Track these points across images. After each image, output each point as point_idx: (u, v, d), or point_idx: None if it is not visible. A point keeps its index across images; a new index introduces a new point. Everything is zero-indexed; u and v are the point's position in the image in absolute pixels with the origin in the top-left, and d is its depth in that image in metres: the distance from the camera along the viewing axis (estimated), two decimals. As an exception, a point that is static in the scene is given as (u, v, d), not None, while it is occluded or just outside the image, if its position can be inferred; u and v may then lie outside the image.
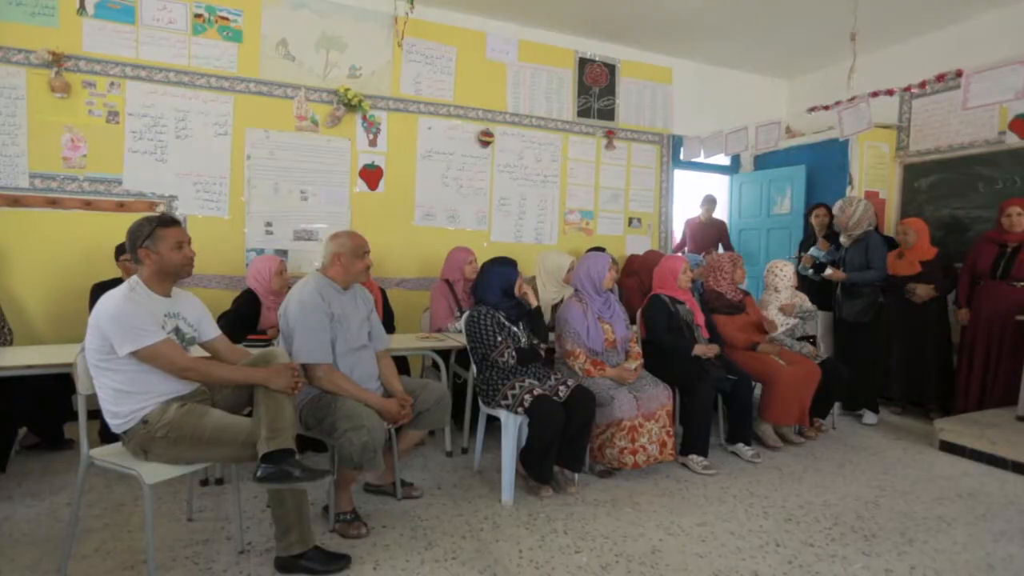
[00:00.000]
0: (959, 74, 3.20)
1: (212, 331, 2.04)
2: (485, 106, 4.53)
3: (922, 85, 3.50)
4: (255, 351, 2.03)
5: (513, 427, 2.50)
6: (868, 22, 4.14)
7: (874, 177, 4.72)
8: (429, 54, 4.34)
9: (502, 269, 2.68)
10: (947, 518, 2.42)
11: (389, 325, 3.41)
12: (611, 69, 4.97)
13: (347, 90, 3.99)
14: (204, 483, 2.56)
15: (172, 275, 1.90)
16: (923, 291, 3.63)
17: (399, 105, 4.26)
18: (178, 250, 1.87)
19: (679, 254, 4.95)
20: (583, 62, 4.86)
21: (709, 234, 5.14)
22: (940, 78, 3.37)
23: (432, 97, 4.36)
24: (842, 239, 3.81)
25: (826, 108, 3.98)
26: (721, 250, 5.05)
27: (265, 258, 3.19)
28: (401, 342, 2.94)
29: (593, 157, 4.93)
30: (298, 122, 3.98)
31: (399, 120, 4.26)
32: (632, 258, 4.52)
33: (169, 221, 1.90)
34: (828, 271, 3.82)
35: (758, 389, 3.25)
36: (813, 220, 4.45)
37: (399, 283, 4.25)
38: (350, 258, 2.25)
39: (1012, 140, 4.06)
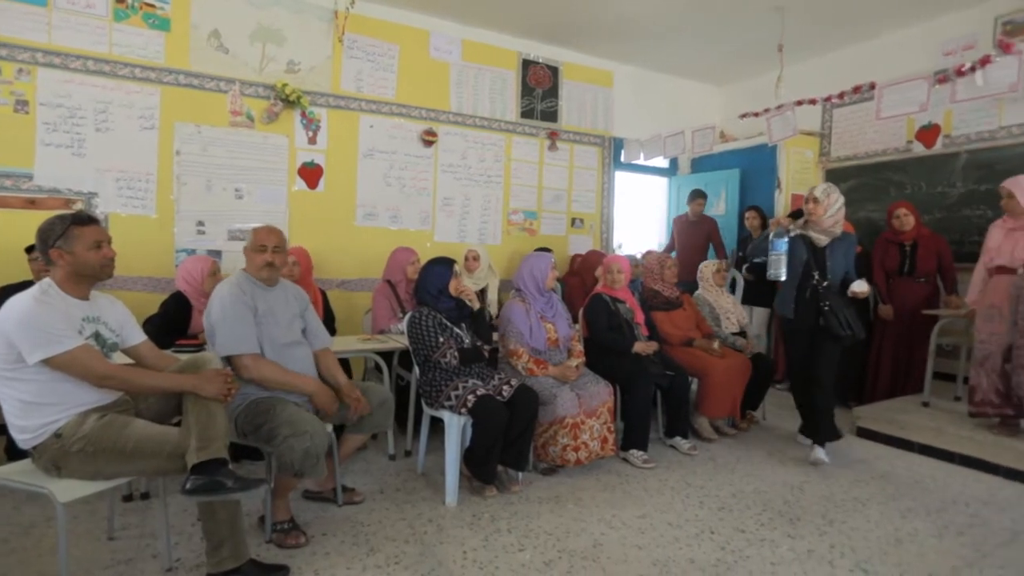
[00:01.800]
0: (872, 86, 3.44)
1: (136, 336, 1.94)
2: (428, 105, 4.49)
3: (841, 96, 3.73)
4: (185, 357, 1.94)
5: (456, 428, 2.49)
6: (793, 35, 4.39)
7: (800, 181, 5.00)
8: (371, 51, 4.27)
9: (437, 268, 2.67)
10: (862, 499, 2.60)
11: (330, 327, 3.33)
12: (554, 71, 5.04)
13: (285, 85, 3.86)
14: (128, 499, 2.42)
15: (90, 277, 1.79)
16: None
17: (340, 102, 4.16)
18: (96, 250, 1.76)
19: (631, 253, 4.99)
20: (527, 63, 4.91)
21: (697, 233, 5.00)
22: (856, 89, 3.61)
23: (374, 95, 4.29)
24: (815, 235, 2.96)
25: (756, 115, 4.18)
26: (712, 250, 4.97)
27: (197, 259, 3.05)
28: (342, 344, 2.87)
29: (536, 158, 4.98)
30: (232, 117, 3.82)
31: (340, 117, 4.17)
32: (574, 258, 4.60)
33: (85, 219, 1.78)
34: (860, 286, 2.90)
35: (695, 384, 3.39)
36: (746, 222, 4.67)
37: (340, 284, 4.16)
38: (250, 252, 2.21)
39: (918, 149, 4.41)
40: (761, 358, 3.57)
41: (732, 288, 4.48)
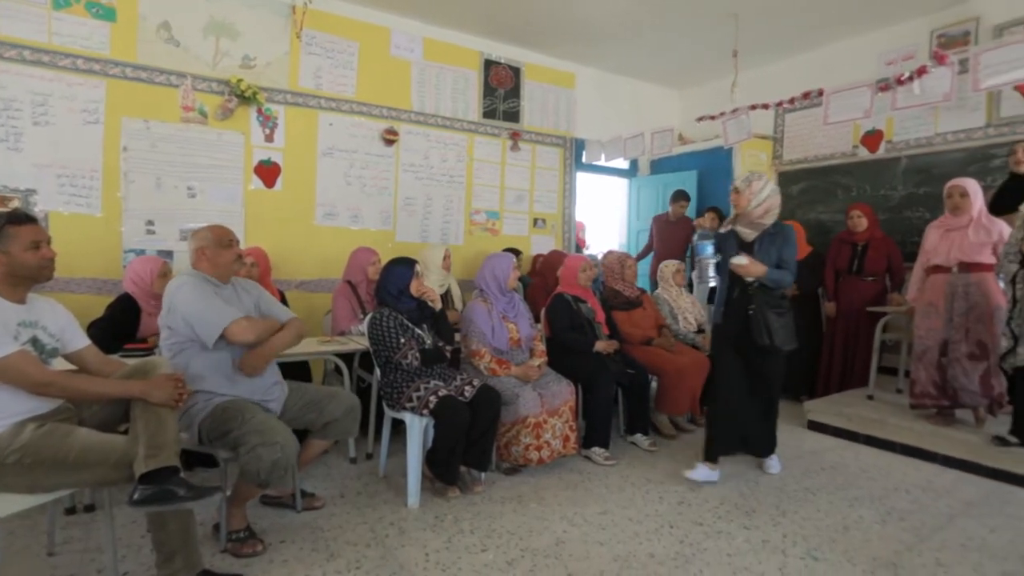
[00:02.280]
0: (820, 93, 3.58)
1: (79, 341, 1.85)
2: (389, 104, 4.44)
3: (791, 101, 3.87)
4: (132, 361, 1.86)
5: (418, 429, 2.47)
6: (747, 42, 4.53)
7: (754, 183, 5.15)
8: (330, 47, 4.19)
9: (398, 269, 2.65)
10: (813, 489, 2.70)
11: (298, 318, 3.26)
12: (516, 72, 5.06)
13: (240, 81, 3.76)
14: (71, 511, 2.30)
15: (27, 279, 1.70)
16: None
17: (298, 99, 4.07)
18: (33, 251, 1.67)
19: (593, 253, 5.02)
20: (488, 63, 4.91)
21: (677, 234, 4.94)
22: (806, 95, 3.75)
23: (333, 92, 4.21)
24: (741, 228, 2.70)
25: (712, 118, 4.30)
26: (689, 252, 4.87)
27: (146, 259, 2.93)
28: (301, 346, 2.80)
29: (498, 158, 4.99)
30: (184, 113, 3.69)
31: (298, 115, 4.08)
32: (536, 257, 4.63)
33: (22, 218, 1.70)
34: (738, 259, 2.68)
35: (654, 382, 3.45)
36: (707, 223, 4.79)
37: (299, 285, 4.07)
38: (215, 249, 2.12)
39: (863, 153, 4.62)
40: (718, 355, 3.67)
41: (691, 287, 4.58)
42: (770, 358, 2.69)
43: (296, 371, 3.04)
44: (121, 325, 2.67)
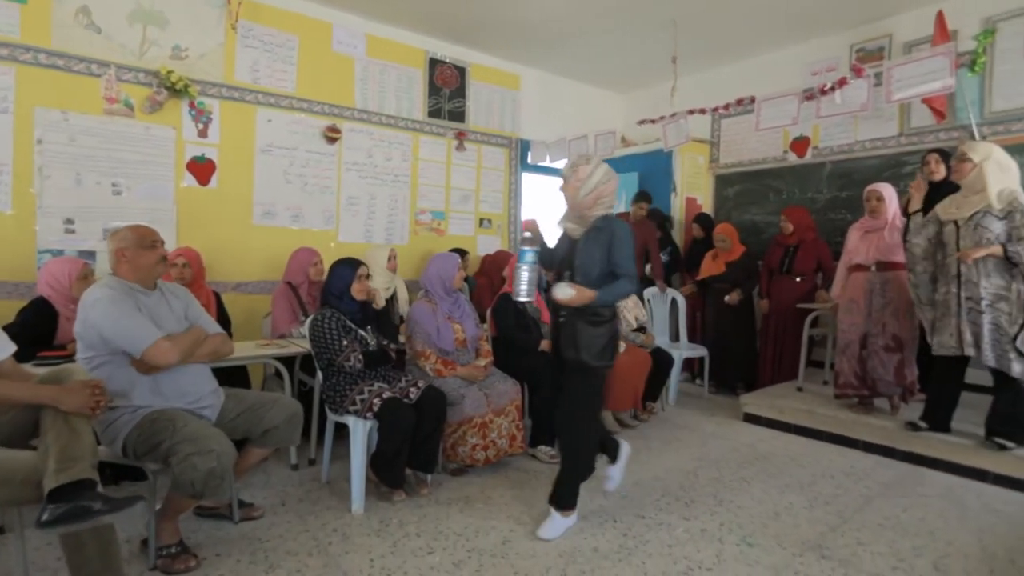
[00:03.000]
0: (753, 100, 3.76)
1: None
2: (332, 100, 4.34)
3: (726, 107, 4.04)
4: (45, 370, 1.74)
5: (362, 433, 2.43)
6: (686, 49, 4.69)
7: (693, 185, 5.37)
8: (268, 40, 4.05)
9: (340, 269, 2.60)
10: (748, 478, 2.83)
11: (227, 333, 3.13)
12: (462, 71, 5.04)
13: (170, 72, 3.57)
14: (-20, 532, 2.13)
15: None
16: (733, 298, 4.23)
17: (234, 93, 3.91)
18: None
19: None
20: (434, 62, 4.87)
21: (638, 235, 4.75)
22: (739, 102, 3.92)
23: (272, 87, 4.07)
24: (569, 224, 2.29)
25: (653, 122, 4.42)
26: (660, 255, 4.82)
27: (64, 260, 2.75)
28: (239, 351, 2.70)
29: (444, 158, 4.96)
30: (108, 104, 3.47)
31: (234, 110, 3.91)
32: (486, 258, 4.63)
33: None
34: (562, 292, 2.17)
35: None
36: None
37: (236, 287, 3.91)
38: (136, 251, 1.99)
39: (792, 158, 4.88)
40: (660, 352, 3.79)
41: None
42: (575, 375, 2.18)
43: (233, 377, 2.93)
44: (35, 331, 2.48)
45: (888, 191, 3.31)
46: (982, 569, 2.02)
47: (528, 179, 5.61)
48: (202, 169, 3.81)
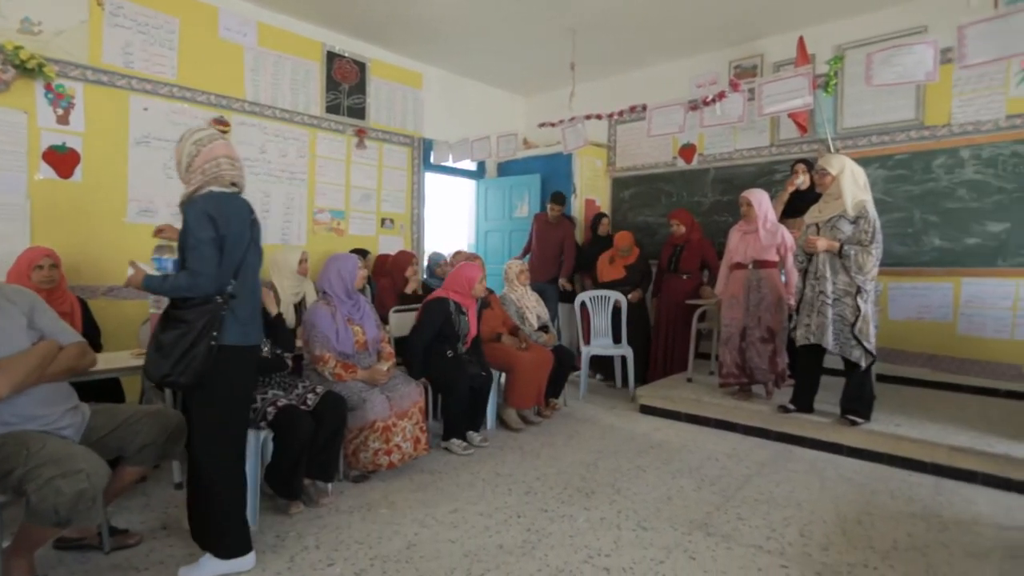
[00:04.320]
0: (644, 108, 3.99)
1: None
2: (219, 91, 4.05)
3: (620, 113, 4.26)
4: None
5: (255, 444, 2.29)
6: (584, 56, 4.87)
7: (591, 187, 5.59)
8: (143, 21, 3.70)
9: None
10: (643, 467, 3.00)
11: (95, 343, 2.84)
12: (361, 67, 4.90)
13: (18, 48, 3.16)
14: None
15: None
16: (636, 296, 4.47)
17: (102, 77, 3.54)
18: None
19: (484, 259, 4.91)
20: (332, 56, 4.69)
21: (554, 234, 4.96)
22: (632, 109, 4.16)
23: (149, 73, 3.73)
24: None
25: (552, 125, 4.56)
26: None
27: None
28: (111, 361, 2.45)
29: (343, 155, 4.80)
30: (-62, 83, 3.01)
31: (102, 95, 3.54)
32: (383, 258, 4.54)
33: None
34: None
35: (502, 378, 3.58)
36: None
37: (108, 291, 3.54)
38: None
39: (681, 164, 5.23)
40: (562, 349, 3.91)
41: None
42: (190, 398, 1.90)
43: (105, 391, 2.65)
44: None
45: (757, 197, 3.63)
46: (837, 531, 2.28)
47: (431, 179, 5.56)
48: (63, 160, 3.41)
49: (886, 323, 4.13)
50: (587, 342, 4.48)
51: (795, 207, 3.83)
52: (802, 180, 3.83)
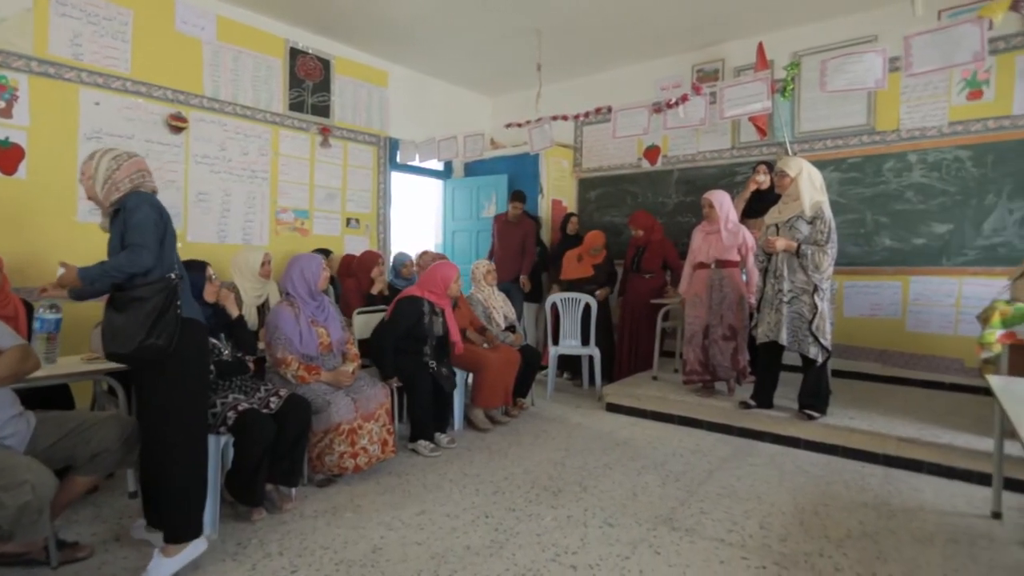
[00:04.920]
0: (610, 109, 4.04)
1: None
2: (176, 86, 3.92)
3: (587, 115, 4.30)
4: None
5: (215, 450, 2.23)
6: (550, 58, 4.90)
7: (558, 188, 5.63)
8: (93, 12, 3.56)
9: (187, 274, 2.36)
10: (610, 464, 3.04)
11: (27, 345, 2.70)
12: (326, 64, 4.82)
13: (-45, 38, 3.00)
14: None
15: None
16: (601, 295, 4.54)
17: (48, 69, 3.38)
18: None
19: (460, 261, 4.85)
20: (295, 52, 4.60)
21: (515, 233, 4.97)
22: (598, 111, 4.20)
23: (100, 66, 3.58)
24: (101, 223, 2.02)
25: (519, 125, 4.57)
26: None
27: None
28: (61, 367, 2.35)
29: (307, 154, 4.71)
30: None
31: (48, 88, 3.39)
32: (348, 258, 4.48)
33: None
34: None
35: (470, 378, 3.57)
36: None
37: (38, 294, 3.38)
38: None
39: (645, 165, 5.31)
40: (529, 349, 3.93)
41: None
42: (151, 375, 1.87)
43: (54, 398, 2.54)
44: None
45: (718, 198, 3.71)
46: (795, 522, 2.36)
47: (398, 178, 5.51)
48: (6, 155, 3.25)
49: (841, 320, 4.29)
50: (555, 342, 4.51)
51: (755, 208, 3.93)
52: (763, 179, 3.94)
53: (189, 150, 4.00)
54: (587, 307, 4.46)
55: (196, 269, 2.39)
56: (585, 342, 4.49)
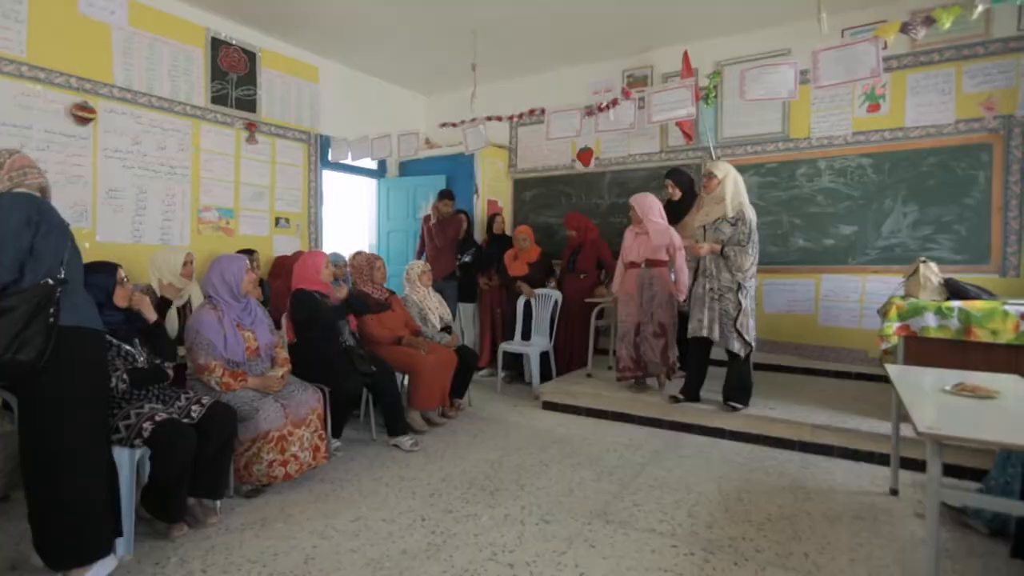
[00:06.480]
0: (543, 111, 4.10)
1: None
2: (81, 73, 3.63)
3: (521, 116, 4.34)
4: None
5: (129, 464, 2.09)
6: (485, 58, 4.90)
7: (494, 188, 5.65)
8: (-21, -12, 3.24)
9: (94, 277, 2.20)
10: (546, 461, 3.08)
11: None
12: (251, 57, 4.61)
13: None
14: None
15: None
16: (527, 292, 4.60)
17: (-74, 50, 3.05)
18: None
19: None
20: (217, 43, 4.37)
21: (446, 232, 4.93)
22: (532, 112, 4.26)
23: (-11, 48, 3.27)
24: None
25: (454, 125, 4.56)
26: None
27: None
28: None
29: (232, 150, 4.48)
30: None
31: (-73, 71, 3.06)
32: (280, 259, 4.31)
33: None
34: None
35: (405, 380, 3.52)
36: None
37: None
38: None
39: (579, 167, 5.43)
40: (465, 349, 3.92)
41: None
42: (33, 388, 1.76)
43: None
44: None
45: (641, 202, 3.83)
46: (720, 509, 2.48)
47: (330, 177, 5.35)
48: None
49: (762, 316, 4.54)
50: (501, 339, 4.56)
51: (670, 218, 4.07)
52: (671, 191, 4.11)
53: (98, 143, 3.72)
54: (555, 304, 4.55)
55: (105, 271, 2.23)
56: (525, 338, 4.58)
